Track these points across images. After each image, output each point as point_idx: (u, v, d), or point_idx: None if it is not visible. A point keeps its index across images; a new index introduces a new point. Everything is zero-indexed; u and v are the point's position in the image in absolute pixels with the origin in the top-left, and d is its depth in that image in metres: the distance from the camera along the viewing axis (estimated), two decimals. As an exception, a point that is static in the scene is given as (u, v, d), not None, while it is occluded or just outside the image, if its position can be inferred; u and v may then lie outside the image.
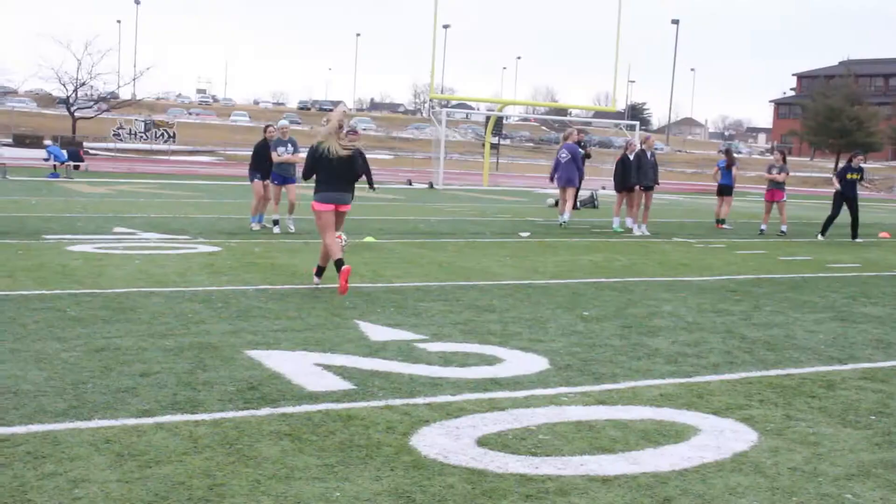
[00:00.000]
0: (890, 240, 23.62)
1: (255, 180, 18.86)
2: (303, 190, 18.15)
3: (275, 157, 18.43)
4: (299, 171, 14.78)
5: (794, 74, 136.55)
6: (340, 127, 11.56)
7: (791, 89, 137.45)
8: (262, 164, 18.75)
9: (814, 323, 10.64)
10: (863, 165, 22.80)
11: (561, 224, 22.82)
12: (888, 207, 43.61)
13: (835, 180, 22.73)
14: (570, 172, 23.08)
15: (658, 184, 22.23)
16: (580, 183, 24.01)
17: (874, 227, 27.26)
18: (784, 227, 23.16)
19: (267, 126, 19.20)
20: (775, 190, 23.30)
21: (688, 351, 8.82)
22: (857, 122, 79.94)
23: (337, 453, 5.58)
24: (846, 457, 5.94)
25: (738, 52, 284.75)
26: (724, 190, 24.60)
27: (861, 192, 24.84)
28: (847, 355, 8.99)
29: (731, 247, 19.33)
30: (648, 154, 21.98)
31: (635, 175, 21.73)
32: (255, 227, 18.77)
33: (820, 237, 22.29)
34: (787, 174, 23.60)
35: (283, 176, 18.67)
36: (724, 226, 24.36)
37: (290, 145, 18.63)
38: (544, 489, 5.15)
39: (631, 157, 22.17)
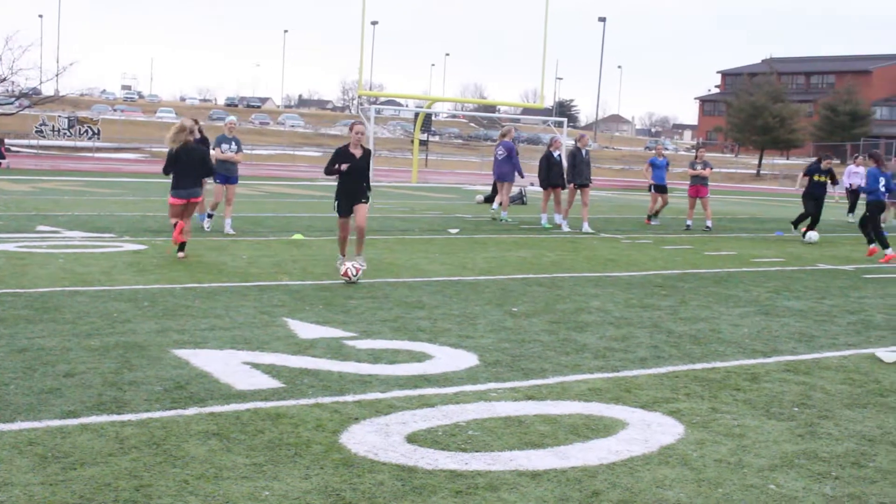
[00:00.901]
0: (812, 234, 24.01)
1: None
2: (239, 188, 17.99)
3: (217, 153, 17.57)
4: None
5: (718, 72, 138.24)
6: (191, 131, 14.14)
7: (716, 86, 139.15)
8: None
9: (738, 317, 10.80)
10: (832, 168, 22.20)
11: (496, 218, 23.09)
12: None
13: (800, 177, 22.45)
14: (502, 168, 23.49)
15: (591, 181, 22.30)
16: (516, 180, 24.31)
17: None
18: (709, 223, 23.45)
19: (195, 121, 18.77)
20: (699, 186, 23.55)
21: (615, 346, 8.90)
22: (779, 119, 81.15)
23: (266, 452, 5.55)
24: (770, 448, 6.04)
25: (665, 50, 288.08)
26: (662, 188, 24.83)
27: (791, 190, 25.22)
28: (771, 348, 9.14)
29: (657, 242, 19.54)
30: (583, 152, 22.08)
31: (570, 173, 21.85)
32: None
33: (793, 229, 22.40)
34: (711, 169, 23.90)
35: (226, 175, 17.70)
36: (652, 221, 24.61)
37: (234, 143, 17.83)
38: (474, 485, 5.16)
39: (555, 154, 22.37)
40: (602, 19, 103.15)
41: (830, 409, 7.07)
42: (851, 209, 29.87)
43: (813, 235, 21.39)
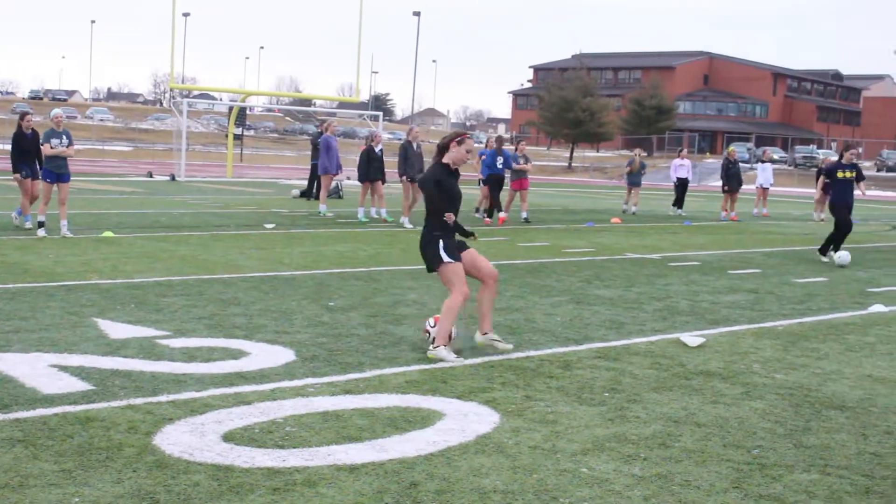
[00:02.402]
0: (621, 225, 24.82)
1: (23, 176, 17.23)
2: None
3: (46, 149, 16.29)
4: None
5: (530, 66, 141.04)
6: None
7: (528, 81, 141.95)
8: (24, 155, 17.19)
9: (551, 306, 11.05)
10: (857, 162, 17.45)
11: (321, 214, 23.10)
12: (619, 194, 45.73)
13: (820, 183, 18.61)
14: (322, 161, 23.62)
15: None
16: (337, 172, 24.37)
17: (607, 213, 28.56)
18: (525, 214, 23.88)
19: (24, 114, 17.77)
20: (522, 179, 23.90)
21: (432, 337, 8.97)
22: (589, 112, 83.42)
23: (75, 457, 5.37)
24: (582, 433, 6.21)
25: (478, 45, 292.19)
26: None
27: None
28: (582, 336, 9.39)
29: (473, 234, 19.75)
30: (415, 145, 22.03)
31: (402, 166, 21.80)
32: (27, 224, 17.41)
33: (824, 258, 17.13)
34: (530, 163, 24.29)
35: (57, 173, 16.47)
36: (479, 214, 24.76)
37: (64, 137, 16.50)
38: (292, 481, 5.13)
39: (377, 149, 22.36)
40: (417, 13, 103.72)
41: (639, 393, 7.31)
42: (676, 202, 30.59)
43: (844, 256, 16.65)
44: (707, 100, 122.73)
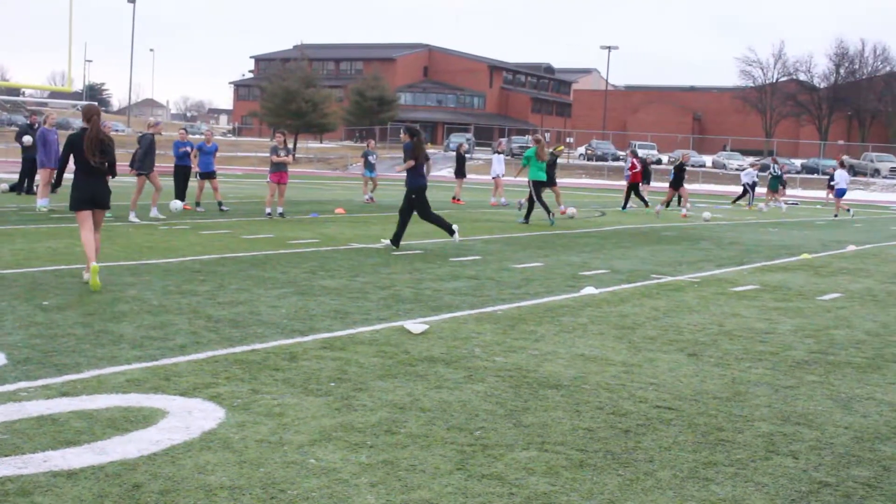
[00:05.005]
0: (345, 215, 24.97)
1: None
2: None
3: None
4: None
5: (252, 57, 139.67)
6: None
7: (249, 71, 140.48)
8: None
9: (276, 298, 10.99)
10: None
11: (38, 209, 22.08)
12: (343, 185, 46.04)
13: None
14: (40, 155, 23.51)
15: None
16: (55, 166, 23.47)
17: (331, 204, 28.68)
18: (281, 209, 23.15)
19: None
20: (282, 172, 23.24)
21: (154, 334, 8.74)
22: (311, 104, 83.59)
23: None
24: (309, 423, 6.21)
25: (198, 34, 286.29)
26: (210, 174, 24.61)
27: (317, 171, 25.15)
28: (308, 327, 9.39)
29: (195, 227, 19.41)
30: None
31: (141, 160, 21.03)
32: None
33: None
34: (291, 155, 23.84)
35: None
36: (198, 209, 24.24)
37: None
38: (4, 491, 4.87)
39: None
40: (132, 0, 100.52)
41: (365, 381, 7.39)
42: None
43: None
44: (427, 91, 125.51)
